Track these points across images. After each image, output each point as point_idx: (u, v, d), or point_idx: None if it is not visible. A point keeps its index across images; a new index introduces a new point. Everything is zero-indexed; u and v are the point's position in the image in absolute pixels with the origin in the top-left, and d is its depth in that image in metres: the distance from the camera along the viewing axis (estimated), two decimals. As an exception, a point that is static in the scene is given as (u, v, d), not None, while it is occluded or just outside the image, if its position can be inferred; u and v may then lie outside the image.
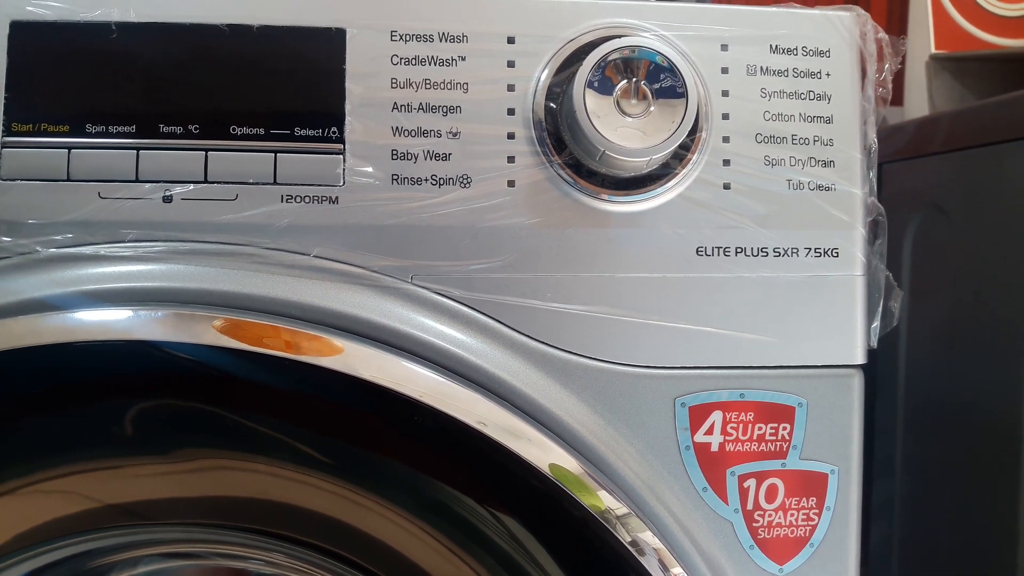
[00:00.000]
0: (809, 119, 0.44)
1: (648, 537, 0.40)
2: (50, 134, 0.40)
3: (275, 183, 0.41)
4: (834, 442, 0.44)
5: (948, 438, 0.69)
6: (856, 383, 0.44)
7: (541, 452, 0.40)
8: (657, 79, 0.39)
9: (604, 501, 0.40)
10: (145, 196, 0.40)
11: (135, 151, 0.40)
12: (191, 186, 0.40)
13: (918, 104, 0.84)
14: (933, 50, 0.80)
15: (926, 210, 0.73)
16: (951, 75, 0.80)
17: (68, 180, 0.40)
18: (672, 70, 0.39)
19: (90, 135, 0.40)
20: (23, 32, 0.40)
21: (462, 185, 0.41)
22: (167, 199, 0.40)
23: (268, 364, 0.38)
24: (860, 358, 0.44)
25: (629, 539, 0.39)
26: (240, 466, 0.40)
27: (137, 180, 0.40)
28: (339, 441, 0.39)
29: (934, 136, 0.76)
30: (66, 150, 0.40)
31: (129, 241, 0.40)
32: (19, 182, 0.40)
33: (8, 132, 0.40)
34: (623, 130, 0.39)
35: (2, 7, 0.40)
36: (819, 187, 0.43)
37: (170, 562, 0.56)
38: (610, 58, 0.39)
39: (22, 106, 0.40)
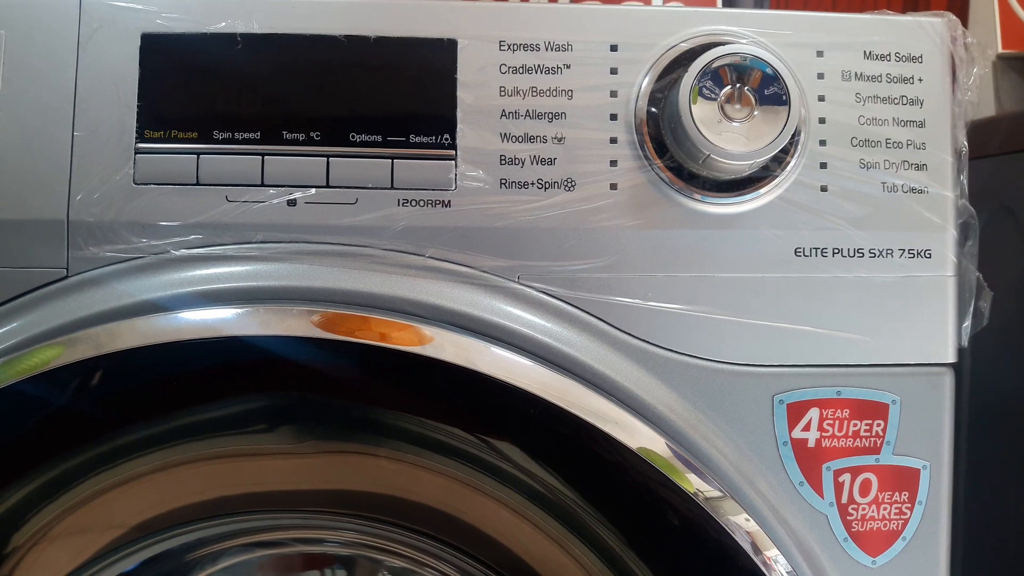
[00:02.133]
0: (902, 123, 0.45)
1: (741, 520, 0.41)
2: (180, 140, 0.42)
3: (392, 188, 0.43)
4: (926, 438, 0.45)
5: (1014, 436, 0.69)
6: (947, 381, 0.45)
7: (632, 438, 0.41)
8: (761, 86, 0.40)
9: (694, 483, 0.41)
10: (270, 200, 0.42)
11: (260, 157, 0.42)
12: (313, 190, 0.42)
13: (984, 104, 0.84)
14: (1000, 50, 0.80)
15: (993, 209, 0.73)
16: (1018, 74, 0.81)
17: (197, 184, 0.42)
18: (776, 78, 0.40)
19: (218, 141, 0.42)
20: (153, 44, 0.43)
21: (567, 188, 0.43)
22: (291, 203, 0.42)
23: (391, 357, 0.40)
24: (951, 356, 0.45)
25: (723, 521, 0.40)
26: (361, 455, 0.42)
27: (263, 184, 0.42)
28: (455, 430, 0.41)
29: (999, 136, 0.77)
30: (195, 156, 0.42)
31: (256, 242, 0.42)
32: (152, 186, 0.42)
33: (141, 139, 0.42)
34: (727, 134, 0.40)
35: (133, 20, 0.43)
36: (912, 190, 0.44)
37: (250, 553, 0.58)
38: (715, 65, 0.40)
39: (154, 114, 0.43)
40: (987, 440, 0.73)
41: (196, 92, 0.43)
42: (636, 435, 0.41)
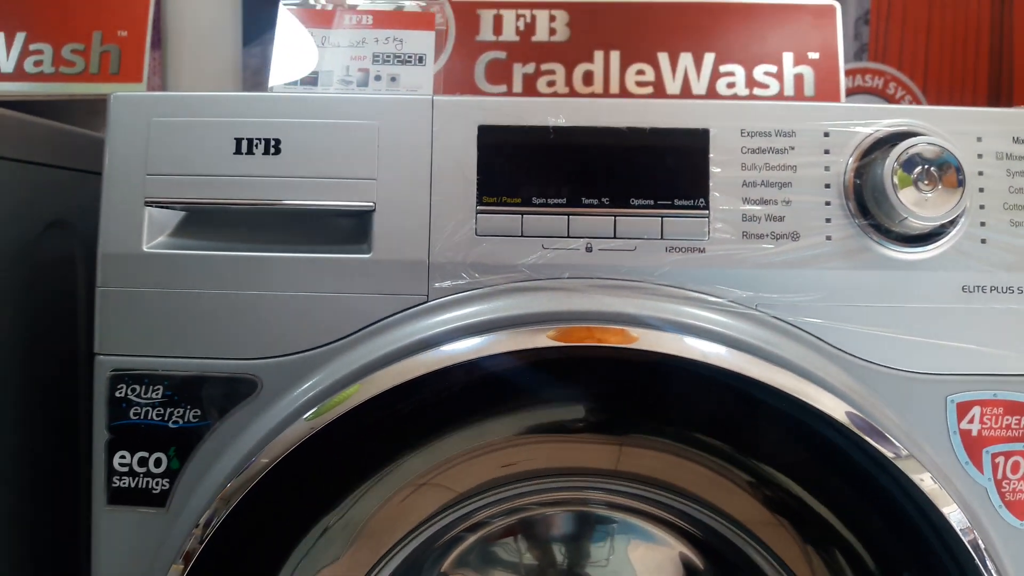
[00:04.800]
0: (1045, 191, 0.59)
1: (925, 477, 0.55)
2: (508, 204, 0.58)
3: (661, 238, 0.58)
4: (1061, 430, 0.59)
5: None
6: (1075, 387, 0.59)
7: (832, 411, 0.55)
8: (948, 170, 0.55)
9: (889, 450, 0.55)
10: (573, 248, 0.58)
11: (567, 216, 0.58)
12: (604, 240, 0.58)
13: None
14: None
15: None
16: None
17: (521, 236, 0.58)
18: (958, 166, 0.55)
19: (535, 205, 0.58)
20: (487, 133, 0.59)
21: (792, 239, 0.58)
22: (588, 249, 0.58)
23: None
24: (1084, 370, 0.59)
25: (913, 477, 0.54)
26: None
27: (568, 236, 0.58)
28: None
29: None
30: (520, 215, 0.58)
31: (565, 277, 0.58)
32: (488, 237, 0.58)
33: (480, 203, 0.58)
34: (919, 204, 0.55)
35: (472, 115, 0.59)
36: (1051, 242, 0.59)
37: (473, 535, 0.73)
38: (911, 151, 0.55)
39: (489, 185, 0.58)
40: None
41: (519, 169, 0.59)
42: (835, 411, 0.55)
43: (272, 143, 0.59)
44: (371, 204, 0.58)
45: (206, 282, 0.59)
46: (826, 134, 0.59)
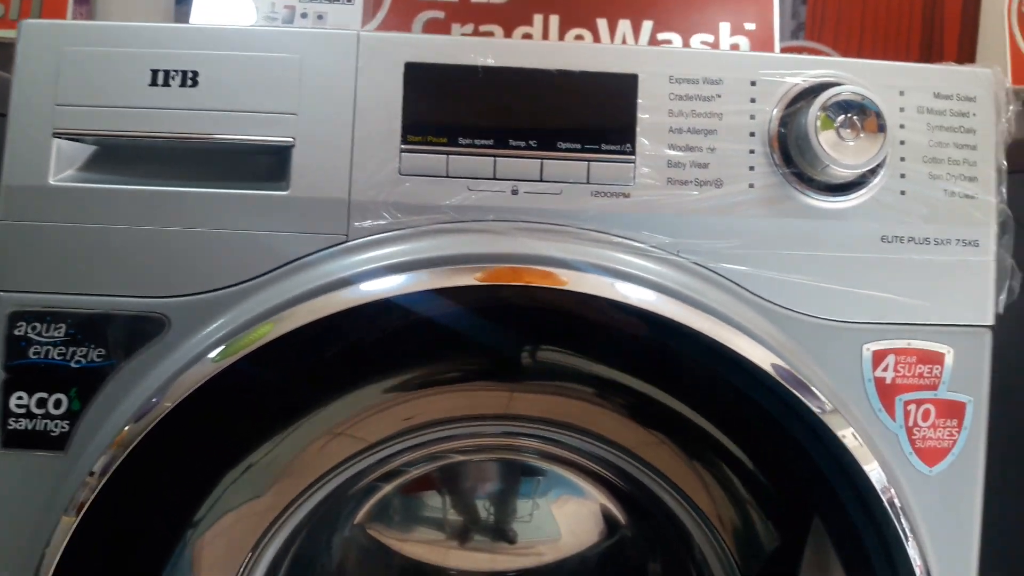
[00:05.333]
0: (960, 146, 0.60)
1: (849, 433, 0.56)
2: (434, 144, 0.57)
3: (587, 183, 0.58)
4: (971, 379, 0.60)
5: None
6: (987, 338, 0.60)
7: (755, 356, 0.55)
8: (870, 118, 0.55)
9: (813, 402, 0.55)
10: (499, 190, 0.57)
11: (493, 158, 0.57)
12: (530, 183, 0.57)
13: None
14: (1009, 85, 0.96)
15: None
16: (1024, 106, 0.97)
17: (446, 176, 0.57)
18: (879, 113, 0.55)
19: (462, 146, 0.57)
20: (415, 71, 0.58)
21: (716, 186, 0.58)
22: (514, 192, 0.57)
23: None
24: (991, 320, 0.60)
25: (839, 433, 0.55)
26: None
27: (494, 178, 0.57)
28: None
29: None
30: (445, 155, 0.57)
31: (488, 220, 0.57)
32: (412, 177, 0.57)
33: (404, 142, 0.57)
34: (841, 151, 0.56)
35: (399, 52, 0.58)
36: (966, 196, 0.60)
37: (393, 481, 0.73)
38: (834, 100, 0.56)
39: (414, 123, 0.57)
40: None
41: (446, 108, 0.57)
42: (757, 356, 0.55)
43: (190, 75, 0.57)
44: (290, 139, 0.57)
45: (115, 217, 0.57)
46: (753, 83, 0.59)
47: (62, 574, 0.53)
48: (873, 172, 0.58)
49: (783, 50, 1.28)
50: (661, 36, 1.04)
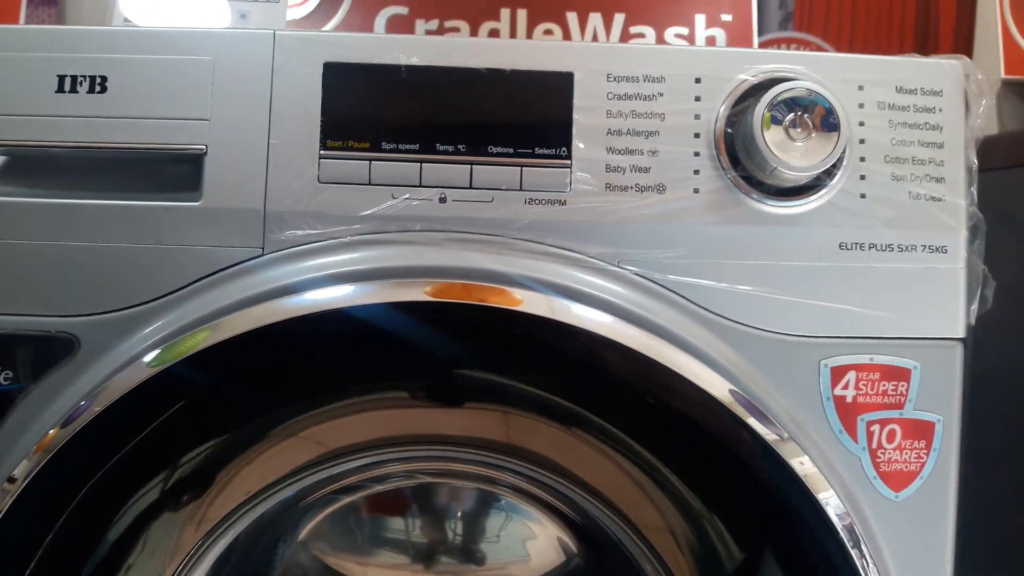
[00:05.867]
0: (925, 144, 0.56)
1: (798, 463, 0.52)
2: (355, 149, 0.54)
3: (520, 189, 0.54)
4: (941, 397, 0.56)
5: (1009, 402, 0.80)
6: (958, 352, 0.56)
7: (705, 383, 0.51)
8: (820, 115, 0.51)
9: (757, 427, 0.51)
10: (426, 198, 0.53)
11: (419, 163, 0.54)
12: (459, 190, 0.54)
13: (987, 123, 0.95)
14: (1003, 75, 0.91)
15: (994, 216, 0.85)
16: (1018, 97, 0.91)
17: (369, 184, 0.53)
18: (831, 110, 0.51)
19: (385, 151, 0.54)
20: (334, 71, 0.54)
21: (658, 192, 0.54)
22: (442, 200, 0.54)
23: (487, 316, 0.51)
24: (962, 332, 0.56)
25: (790, 461, 0.51)
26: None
27: (420, 185, 0.53)
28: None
29: (1000, 152, 0.88)
30: (368, 161, 0.53)
31: (415, 231, 0.53)
32: (332, 185, 0.53)
33: (324, 147, 0.53)
34: (790, 152, 0.52)
35: (318, 52, 0.54)
36: (932, 198, 0.56)
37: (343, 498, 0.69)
38: (782, 97, 0.52)
39: (334, 127, 0.54)
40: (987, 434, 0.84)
41: (368, 110, 0.54)
42: (708, 383, 0.51)
43: (98, 81, 0.54)
44: (202, 147, 0.53)
45: (20, 232, 0.53)
46: (698, 80, 0.55)
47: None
48: (829, 174, 0.54)
49: (769, 42, 1.24)
50: (634, 30, 1.00)
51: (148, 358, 0.51)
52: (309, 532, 0.70)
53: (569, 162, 0.54)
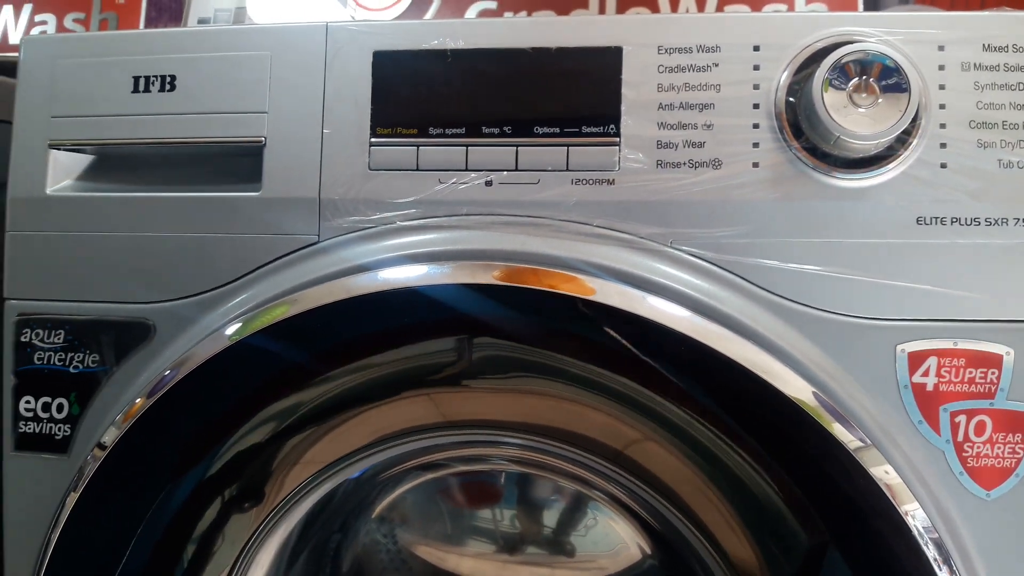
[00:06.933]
0: (1018, 107, 0.50)
1: (882, 472, 0.47)
2: (403, 135, 0.54)
3: (567, 170, 0.53)
4: (1041, 387, 0.50)
5: None
6: (1061, 336, 0.50)
7: (783, 384, 0.49)
8: (884, 77, 0.47)
9: (839, 433, 0.48)
10: (472, 182, 0.53)
11: (465, 148, 0.53)
12: (505, 173, 0.53)
13: None
14: None
15: None
16: None
17: (417, 170, 0.54)
18: (897, 69, 0.47)
19: (432, 136, 0.54)
20: (382, 59, 0.55)
21: (714, 168, 0.52)
22: (488, 183, 0.53)
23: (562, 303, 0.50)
24: (1065, 314, 0.50)
25: (870, 472, 0.47)
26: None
27: (466, 169, 0.53)
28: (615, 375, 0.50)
29: None
30: (415, 147, 0.54)
31: (462, 214, 0.53)
32: (382, 172, 0.54)
33: (374, 135, 0.54)
34: (855, 119, 0.48)
35: (368, 41, 0.55)
36: (1029, 165, 0.50)
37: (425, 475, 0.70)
38: (844, 60, 0.48)
39: (383, 115, 0.54)
40: None
41: (416, 97, 0.54)
42: (787, 384, 0.49)
43: (168, 80, 0.57)
44: (261, 139, 0.55)
45: (101, 225, 0.57)
46: (756, 48, 0.52)
47: (62, 549, 0.54)
48: (901, 142, 0.50)
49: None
50: (729, 8, 0.96)
51: (229, 331, 0.53)
52: (384, 509, 0.71)
53: (618, 139, 0.52)
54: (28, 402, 0.58)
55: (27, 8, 1.06)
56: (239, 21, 0.84)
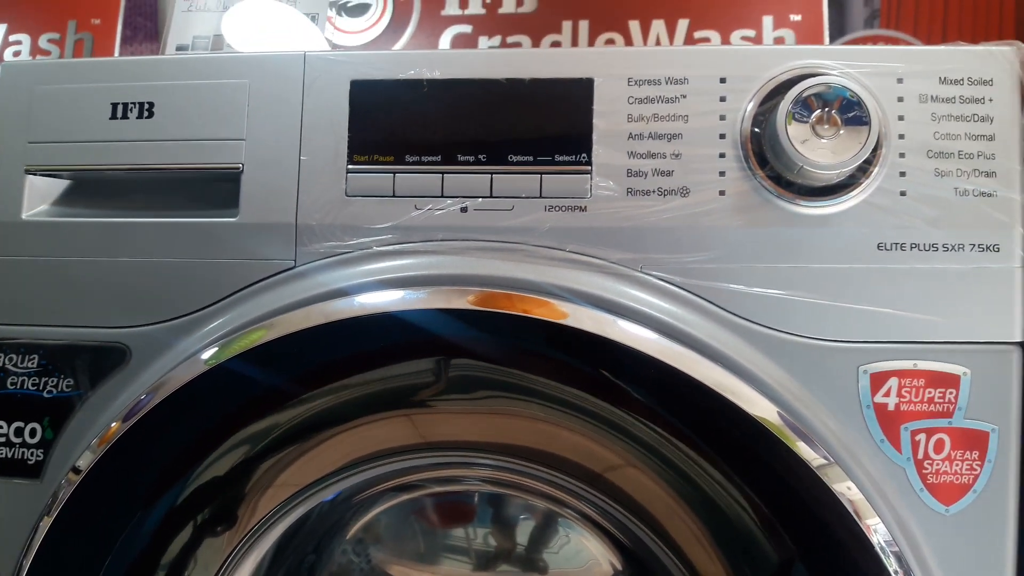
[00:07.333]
0: (974, 137, 0.52)
1: (844, 488, 0.49)
2: (380, 163, 0.55)
3: (541, 196, 0.54)
4: (995, 406, 0.52)
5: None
6: (1015, 357, 0.52)
7: (749, 404, 0.50)
8: (846, 110, 0.49)
9: (803, 451, 0.50)
10: (448, 208, 0.54)
11: (441, 175, 0.54)
12: (480, 200, 0.54)
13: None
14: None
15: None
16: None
17: (393, 196, 0.55)
18: (858, 103, 0.49)
19: (408, 163, 0.55)
20: (360, 88, 0.56)
21: (682, 195, 0.53)
22: (463, 210, 0.54)
23: (534, 327, 0.51)
24: (1019, 336, 0.52)
25: (833, 488, 0.48)
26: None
27: (442, 196, 0.54)
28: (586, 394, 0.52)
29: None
30: (392, 174, 0.55)
31: (437, 240, 0.54)
32: (359, 198, 0.55)
33: (351, 161, 0.55)
34: (818, 150, 0.50)
35: (344, 70, 0.56)
36: (982, 194, 0.52)
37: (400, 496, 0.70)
38: (806, 94, 0.50)
39: (360, 142, 0.55)
40: None
41: (392, 125, 0.55)
42: (753, 405, 0.50)
43: (146, 107, 0.58)
44: (239, 165, 0.56)
45: (77, 250, 0.58)
46: (723, 80, 0.54)
47: (36, 573, 0.54)
48: (863, 171, 0.52)
49: (853, 42, 1.19)
50: (698, 34, 0.98)
51: (206, 355, 0.53)
52: (359, 530, 0.72)
53: (590, 168, 0.54)
54: (0, 427, 0.58)
55: (1, 28, 1.06)
56: (217, 48, 0.86)
